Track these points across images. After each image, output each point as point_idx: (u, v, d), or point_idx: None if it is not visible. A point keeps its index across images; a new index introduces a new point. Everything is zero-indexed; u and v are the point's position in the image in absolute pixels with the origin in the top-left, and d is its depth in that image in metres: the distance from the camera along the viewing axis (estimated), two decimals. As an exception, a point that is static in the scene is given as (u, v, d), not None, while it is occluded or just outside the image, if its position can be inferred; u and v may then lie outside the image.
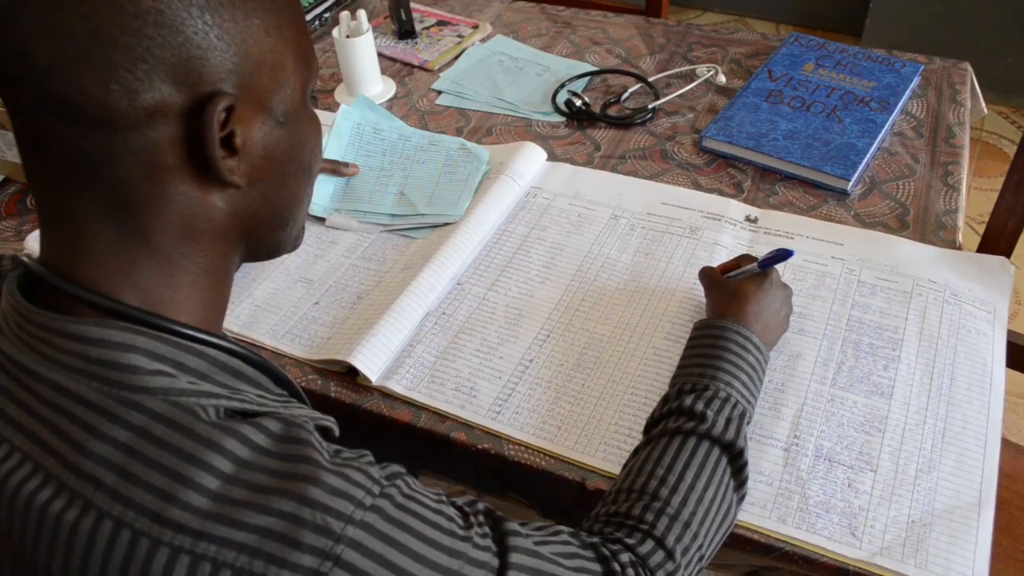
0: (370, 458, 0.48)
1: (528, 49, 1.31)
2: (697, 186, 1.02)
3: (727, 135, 1.06)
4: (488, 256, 0.94)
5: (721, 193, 1.01)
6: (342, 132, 1.08)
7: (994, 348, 0.81)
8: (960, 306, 0.84)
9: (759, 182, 1.02)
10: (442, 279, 0.89)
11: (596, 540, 0.56)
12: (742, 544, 0.69)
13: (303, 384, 0.82)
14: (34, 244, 0.96)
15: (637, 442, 0.68)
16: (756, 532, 0.68)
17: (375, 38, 1.20)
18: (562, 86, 1.20)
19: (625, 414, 0.77)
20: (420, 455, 0.82)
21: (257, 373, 0.52)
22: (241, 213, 0.51)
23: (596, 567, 0.54)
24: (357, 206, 1.01)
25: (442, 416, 0.78)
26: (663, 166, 1.06)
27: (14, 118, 0.46)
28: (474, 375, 0.81)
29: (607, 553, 0.55)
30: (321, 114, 0.79)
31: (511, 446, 0.76)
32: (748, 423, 0.68)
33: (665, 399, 0.70)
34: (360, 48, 1.16)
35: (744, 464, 0.65)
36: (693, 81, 1.19)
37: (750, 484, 0.68)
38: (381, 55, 1.27)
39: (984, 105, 1.20)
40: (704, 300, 0.82)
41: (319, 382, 0.82)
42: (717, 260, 0.89)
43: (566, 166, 1.06)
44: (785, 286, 0.80)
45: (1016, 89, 2.40)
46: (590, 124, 1.14)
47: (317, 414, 0.52)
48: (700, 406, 0.66)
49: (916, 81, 1.15)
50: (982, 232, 1.20)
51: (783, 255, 0.75)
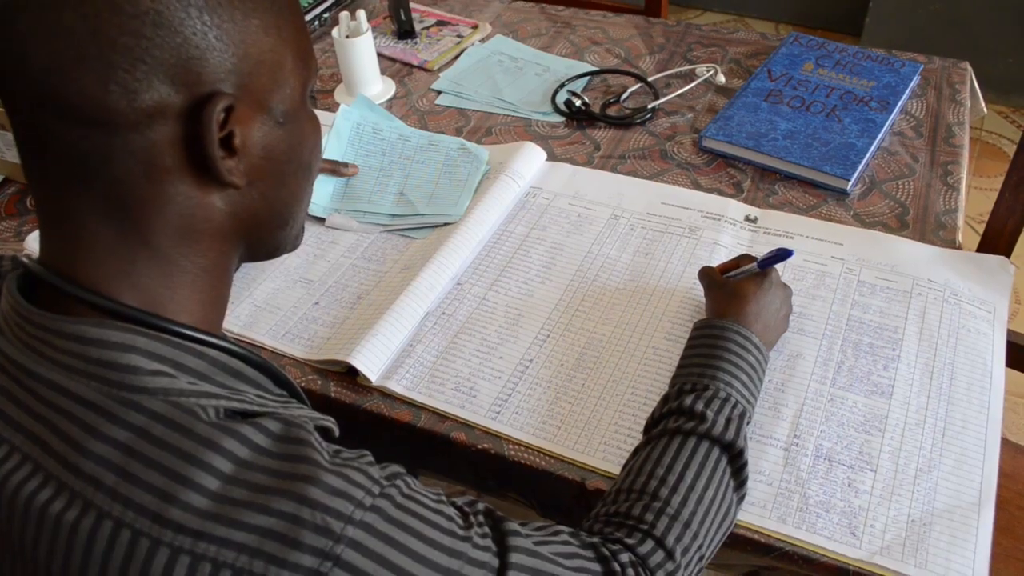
0: (370, 458, 0.48)
1: (528, 49, 1.31)
2: (697, 186, 1.02)
3: (727, 135, 1.06)
4: (488, 256, 0.94)
5: (721, 193, 1.01)
6: (342, 132, 1.08)
7: (994, 348, 0.81)
8: (960, 306, 0.84)
9: (759, 182, 1.02)
10: (442, 279, 0.89)
11: (596, 540, 0.56)
12: (742, 544, 0.69)
13: (303, 384, 0.82)
14: (34, 244, 0.96)
15: (637, 442, 0.68)
16: (756, 532, 0.68)
17: (375, 38, 1.20)
18: (562, 86, 1.20)
19: (625, 414, 0.77)
20: (420, 455, 0.82)
21: (257, 373, 0.52)
22: (240, 213, 0.51)
23: (596, 567, 0.54)
24: (357, 206, 1.01)
25: (442, 416, 0.78)
26: (663, 166, 1.06)
27: (13, 118, 0.46)
28: (474, 375, 0.81)
29: (607, 553, 0.55)
30: (321, 114, 0.79)
31: (511, 446, 0.76)
32: (748, 423, 0.68)
33: (665, 399, 0.70)
34: (360, 48, 1.16)
35: (744, 464, 0.65)
36: (693, 81, 1.19)
37: (750, 484, 0.68)
38: (381, 55, 1.27)
39: (984, 105, 1.20)
40: (704, 300, 0.82)
41: (319, 382, 0.82)
42: (717, 260, 0.89)
43: (566, 166, 1.06)
44: (785, 286, 0.80)
45: (1016, 89, 2.40)
46: (590, 124, 1.14)
47: (317, 414, 0.52)
48: (700, 406, 0.66)
49: (916, 81, 1.15)
50: (982, 232, 1.20)
51: (783, 255, 0.75)
